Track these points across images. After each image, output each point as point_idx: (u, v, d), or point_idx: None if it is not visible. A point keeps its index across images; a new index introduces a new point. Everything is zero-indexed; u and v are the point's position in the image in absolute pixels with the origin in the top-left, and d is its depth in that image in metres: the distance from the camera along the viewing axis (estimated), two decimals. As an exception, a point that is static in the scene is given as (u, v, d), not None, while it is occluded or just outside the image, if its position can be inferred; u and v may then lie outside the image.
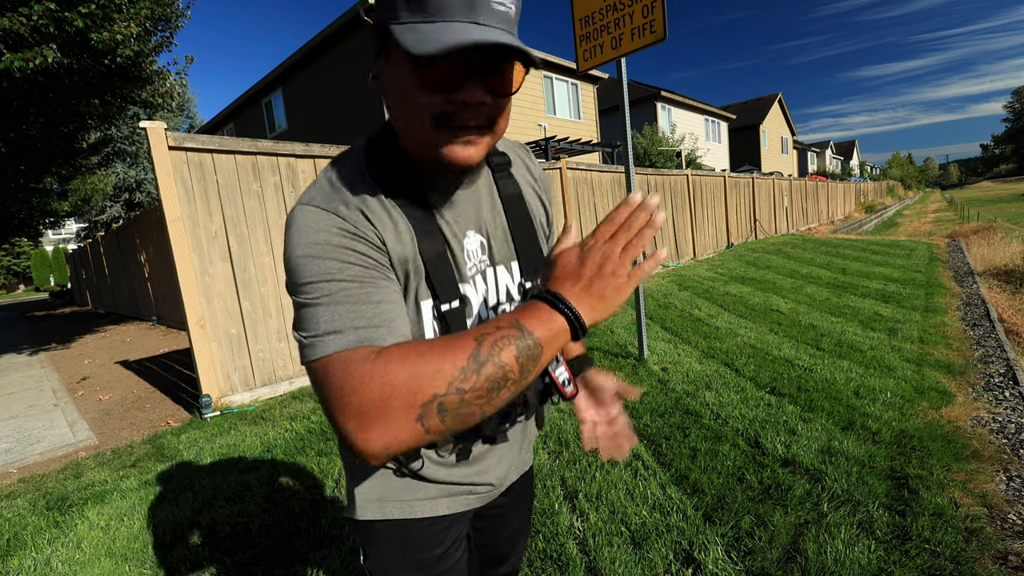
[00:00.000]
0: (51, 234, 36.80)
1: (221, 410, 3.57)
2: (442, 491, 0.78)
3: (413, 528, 0.77)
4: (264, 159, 3.86)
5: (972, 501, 1.99)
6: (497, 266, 0.77)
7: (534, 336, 0.51)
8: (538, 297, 0.53)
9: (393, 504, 0.77)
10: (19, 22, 4.07)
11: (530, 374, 0.52)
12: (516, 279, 0.79)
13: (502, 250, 0.77)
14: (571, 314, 0.52)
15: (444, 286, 0.69)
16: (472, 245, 0.74)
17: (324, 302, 0.56)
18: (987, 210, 25.98)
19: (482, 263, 0.75)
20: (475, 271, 0.74)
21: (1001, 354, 3.75)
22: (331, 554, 1.88)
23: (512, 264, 0.78)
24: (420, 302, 0.68)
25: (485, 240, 0.75)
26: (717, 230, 10.83)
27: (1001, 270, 8.19)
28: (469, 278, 0.73)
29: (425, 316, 0.69)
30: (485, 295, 0.75)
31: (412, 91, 0.58)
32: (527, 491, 1.00)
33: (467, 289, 0.73)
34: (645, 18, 3.35)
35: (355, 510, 0.77)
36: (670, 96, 21.07)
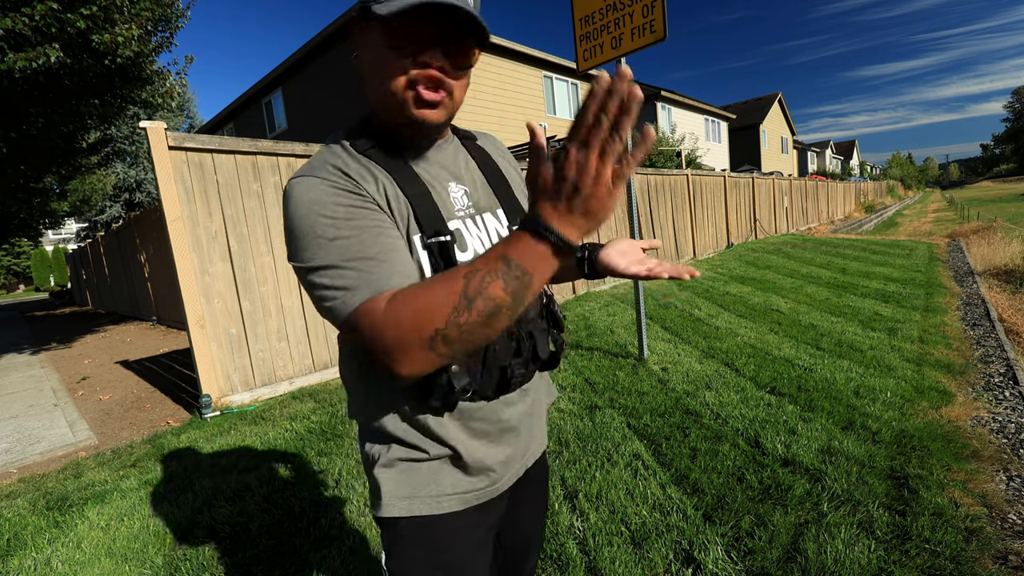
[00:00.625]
0: (51, 234, 36.79)
1: (221, 410, 3.57)
2: (468, 485, 0.79)
3: (439, 527, 0.77)
4: (264, 159, 3.86)
5: (972, 501, 1.99)
6: (483, 213, 0.82)
7: (521, 266, 0.53)
8: (521, 226, 0.54)
9: (420, 500, 0.77)
10: (21, 22, 4.07)
11: (523, 300, 0.55)
12: (504, 223, 0.83)
13: (484, 198, 0.83)
14: (555, 238, 0.51)
15: (430, 219, 0.74)
16: (455, 192, 0.80)
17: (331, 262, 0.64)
18: (987, 210, 25.98)
19: (469, 209, 0.80)
20: (463, 214, 0.79)
21: (1001, 354, 3.75)
22: (331, 554, 1.88)
23: (497, 211, 0.83)
24: (412, 236, 0.73)
25: (467, 189, 0.82)
26: (717, 230, 10.83)
27: (1001, 270, 8.19)
28: (459, 218, 0.78)
29: (418, 249, 0.73)
30: (482, 241, 0.79)
31: (384, 55, 0.69)
32: (542, 488, 1.01)
33: (457, 225, 0.77)
34: (645, 18, 3.36)
35: (381, 507, 0.77)
36: (670, 96, 21.06)
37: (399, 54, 0.68)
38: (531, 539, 1.00)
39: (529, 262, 0.53)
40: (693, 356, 4.00)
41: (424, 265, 0.73)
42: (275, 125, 15.27)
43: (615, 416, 2.95)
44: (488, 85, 12.41)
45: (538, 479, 0.97)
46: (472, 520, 0.80)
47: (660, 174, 8.71)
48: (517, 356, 0.77)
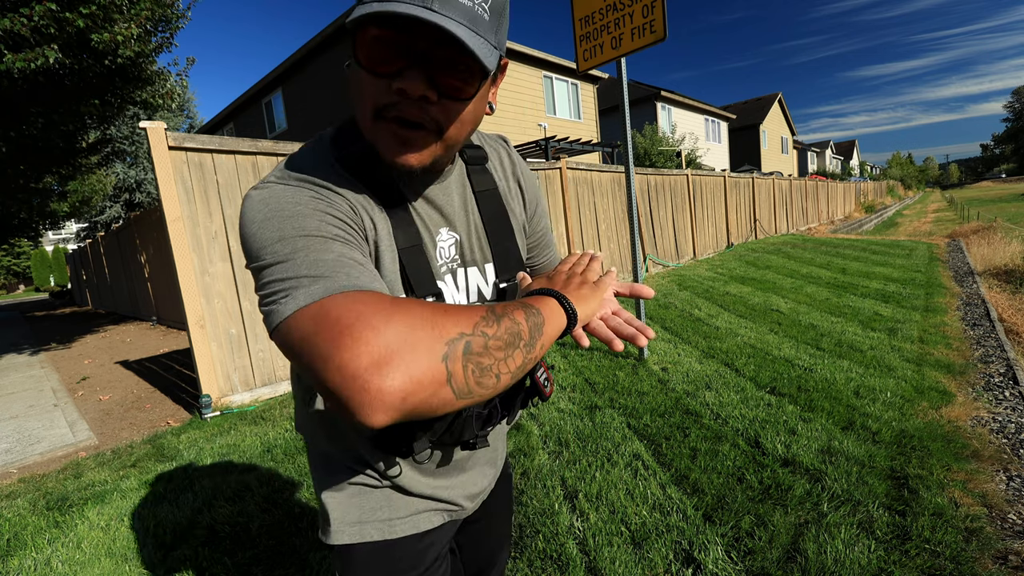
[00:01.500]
0: (51, 234, 36.82)
1: (221, 410, 3.57)
2: (422, 506, 0.76)
3: (394, 549, 0.74)
4: (264, 159, 3.86)
5: (972, 501, 1.99)
6: (468, 267, 0.74)
7: (540, 312, 0.55)
8: (537, 292, 0.62)
9: (372, 525, 0.73)
10: (20, 23, 4.07)
11: (536, 344, 0.52)
12: (490, 280, 0.76)
13: (475, 251, 0.74)
14: (566, 302, 0.60)
15: (420, 278, 0.65)
16: (445, 243, 0.71)
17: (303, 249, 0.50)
18: (987, 210, 25.98)
19: (453, 262, 0.72)
20: (446, 269, 0.72)
21: (1001, 354, 3.75)
22: (331, 554, 1.88)
23: (486, 266, 0.76)
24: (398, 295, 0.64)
25: (457, 239, 0.73)
26: (717, 230, 10.83)
27: (1001, 270, 8.19)
28: (442, 276, 0.71)
29: None
30: (464, 293, 0.74)
31: (358, 75, 0.55)
32: (506, 498, 0.98)
33: (442, 286, 0.70)
34: (645, 18, 3.36)
35: (330, 534, 0.72)
36: (670, 96, 21.07)
37: (371, 77, 0.54)
38: (497, 542, 0.99)
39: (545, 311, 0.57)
40: (693, 356, 4.00)
41: None
42: (275, 125, 15.27)
43: (615, 416, 2.95)
44: (488, 85, 12.40)
45: (500, 489, 0.93)
46: (429, 539, 0.77)
47: (660, 174, 8.71)
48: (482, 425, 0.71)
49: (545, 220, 0.89)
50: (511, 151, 0.83)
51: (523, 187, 0.82)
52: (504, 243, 0.76)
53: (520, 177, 0.82)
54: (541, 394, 0.73)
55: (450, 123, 0.57)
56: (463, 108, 0.57)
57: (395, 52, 0.52)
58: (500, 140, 0.83)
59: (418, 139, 0.57)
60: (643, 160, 16.44)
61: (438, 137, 0.58)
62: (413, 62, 0.52)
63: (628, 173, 3.80)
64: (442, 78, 0.54)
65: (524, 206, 0.82)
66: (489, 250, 0.75)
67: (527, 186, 0.83)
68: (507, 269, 0.76)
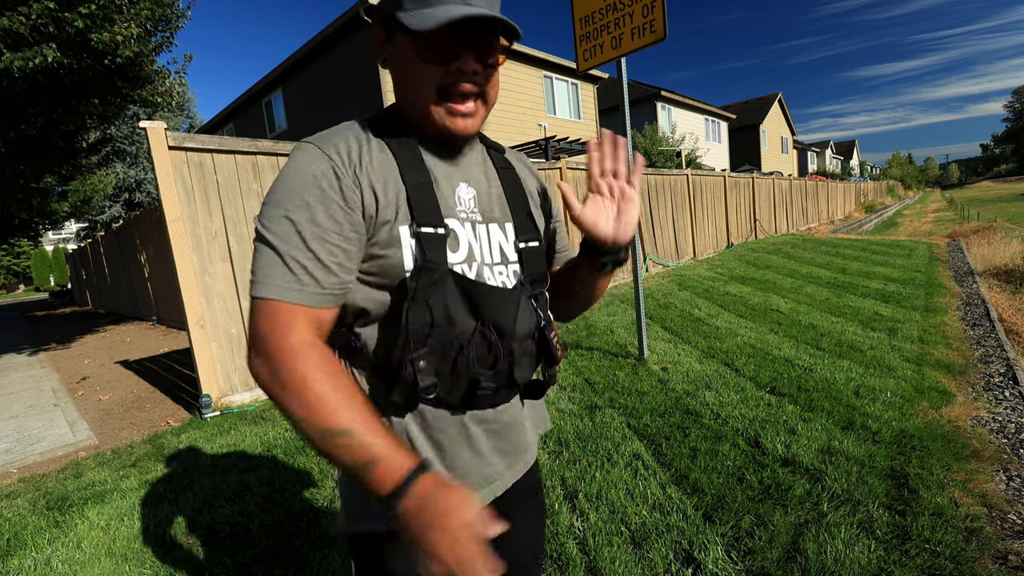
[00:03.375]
0: (51, 234, 36.80)
1: (221, 410, 3.57)
2: None
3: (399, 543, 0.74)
4: (264, 159, 3.86)
5: (972, 501, 1.99)
6: (490, 223, 0.79)
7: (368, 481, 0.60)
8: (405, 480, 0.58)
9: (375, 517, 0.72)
10: (18, 21, 4.07)
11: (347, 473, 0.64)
12: (511, 239, 0.81)
13: (495, 209, 0.81)
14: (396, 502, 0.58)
15: (425, 210, 0.71)
16: (464, 193, 0.78)
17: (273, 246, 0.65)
18: (987, 210, 25.99)
19: (474, 214, 0.78)
20: (465, 216, 0.77)
21: (1001, 354, 3.75)
22: (331, 554, 1.88)
23: (507, 225, 0.81)
24: (399, 227, 0.70)
25: (478, 196, 0.79)
26: (717, 230, 10.82)
27: (1001, 270, 8.20)
28: (460, 219, 0.76)
29: (404, 242, 0.70)
30: (480, 249, 0.77)
31: (416, 66, 0.69)
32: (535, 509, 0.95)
33: (455, 224, 0.74)
34: (645, 18, 3.36)
35: (344, 523, 0.77)
36: (670, 96, 21.06)
37: (431, 65, 0.68)
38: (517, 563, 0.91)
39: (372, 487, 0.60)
40: (693, 356, 4.00)
41: (407, 259, 0.70)
42: (275, 125, 15.26)
43: (615, 416, 2.95)
44: (488, 85, 12.40)
45: (527, 499, 0.92)
46: None
47: (660, 174, 8.71)
48: (490, 369, 0.72)
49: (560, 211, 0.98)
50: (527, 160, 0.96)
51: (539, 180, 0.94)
52: (522, 211, 0.84)
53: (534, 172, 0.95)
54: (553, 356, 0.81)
55: (491, 88, 0.73)
56: (495, 75, 0.73)
57: (450, 41, 0.67)
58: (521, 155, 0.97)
59: (475, 108, 0.72)
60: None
61: (484, 102, 0.73)
62: (463, 45, 0.67)
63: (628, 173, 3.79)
64: (483, 54, 0.69)
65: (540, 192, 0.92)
66: (509, 212, 0.82)
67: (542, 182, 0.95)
68: (525, 231, 0.82)
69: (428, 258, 0.70)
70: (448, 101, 0.70)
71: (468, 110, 0.71)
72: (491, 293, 0.73)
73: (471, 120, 0.72)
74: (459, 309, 0.71)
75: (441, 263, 0.71)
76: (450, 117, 0.71)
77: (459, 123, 0.71)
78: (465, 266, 0.74)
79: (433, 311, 0.69)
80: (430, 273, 0.69)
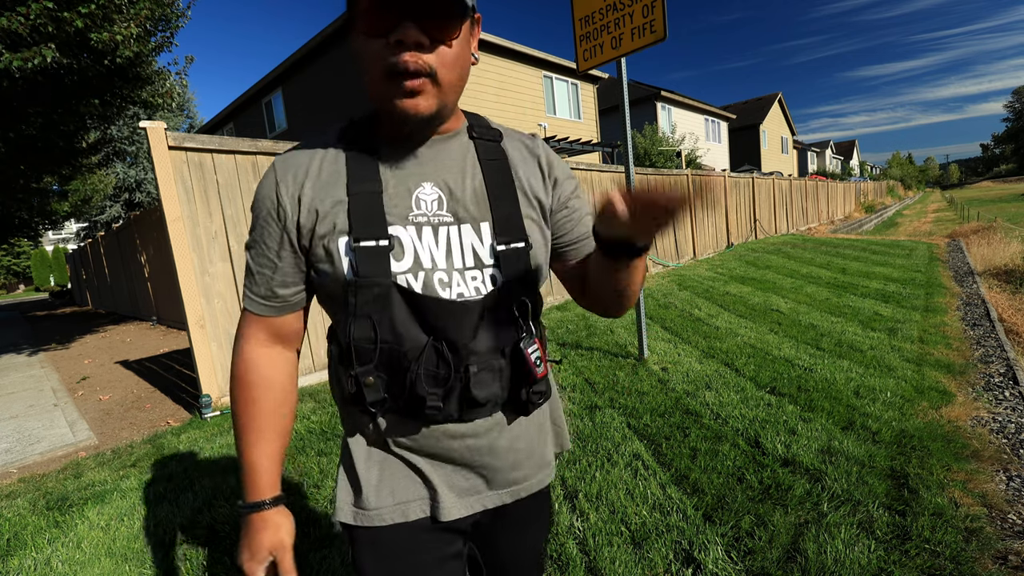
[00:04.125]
0: (51, 234, 36.80)
1: (221, 410, 3.57)
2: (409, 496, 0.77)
3: (388, 535, 0.76)
4: (264, 159, 3.86)
5: (972, 501, 1.99)
6: (462, 224, 0.74)
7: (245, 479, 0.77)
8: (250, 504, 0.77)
9: (364, 510, 0.77)
10: (17, 22, 4.06)
11: None
12: (487, 241, 0.74)
13: (470, 208, 0.75)
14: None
15: (365, 222, 0.70)
16: (426, 195, 0.74)
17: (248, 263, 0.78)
18: (987, 210, 25.99)
19: (436, 217, 0.73)
20: (424, 220, 0.72)
21: (1001, 354, 3.75)
22: (331, 554, 1.88)
23: (482, 225, 0.75)
24: (336, 240, 0.70)
25: (445, 195, 0.74)
26: (717, 230, 10.83)
27: (1001, 270, 8.20)
28: (412, 223, 0.72)
29: (340, 254, 0.70)
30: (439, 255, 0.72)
31: (361, 44, 0.66)
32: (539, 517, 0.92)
33: (405, 231, 0.71)
34: (645, 18, 3.36)
35: (335, 512, 0.80)
36: (670, 96, 21.06)
37: (371, 38, 0.65)
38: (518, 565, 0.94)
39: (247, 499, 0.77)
40: (693, 356, 4.00)
41: (346, 272, 0.69)
42: (275, 125, 15.26)
43: (615, 416, 2.95)
44: (488, 85, 12.41)
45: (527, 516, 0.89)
46: (431, 535, 0.78)
47: (660, 174, 8.71)
48: (439, 387, 0.70)
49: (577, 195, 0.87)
50: (537, 141, 0.86)
51: (544, 166, 0.83)
52: (506, 207, 0.76)
53: (542, 159, 0.84)
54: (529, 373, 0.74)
55: (444, 66, 0.66)
56: (451, 52, 0.66)
57: (388, 11, 0.62)
58: (528, 135, 0.87)
59: (422, 86, 0.65)
60: (643, 160, 16.44)
61: (433, 82, 0.66)
62: (405, 15, 0.62)
63: (628, 173, 3.80)
64: (430, 27, 0.64)
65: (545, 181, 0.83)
66: (488, 210, 0.75)
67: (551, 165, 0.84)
68: (506, 231, 0.75)
69: (362, 272, 0.68)
70: (395, 82, 0.65)
71: (415, 85, 0.64)
72: (439, 306, 0.69)
73: (420, 100, 0.66)
74: (409, 324, 0.69)
75: (380, 276, 0.68)
76: (398, 97, 0.65)
77: (407, 103, 0.65)
78: (410, 276, 0.70)
79: (378, 328, 0.68)
80: (367, 289, 0.68)
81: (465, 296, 0.71)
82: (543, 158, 0.84)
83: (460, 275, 0.72)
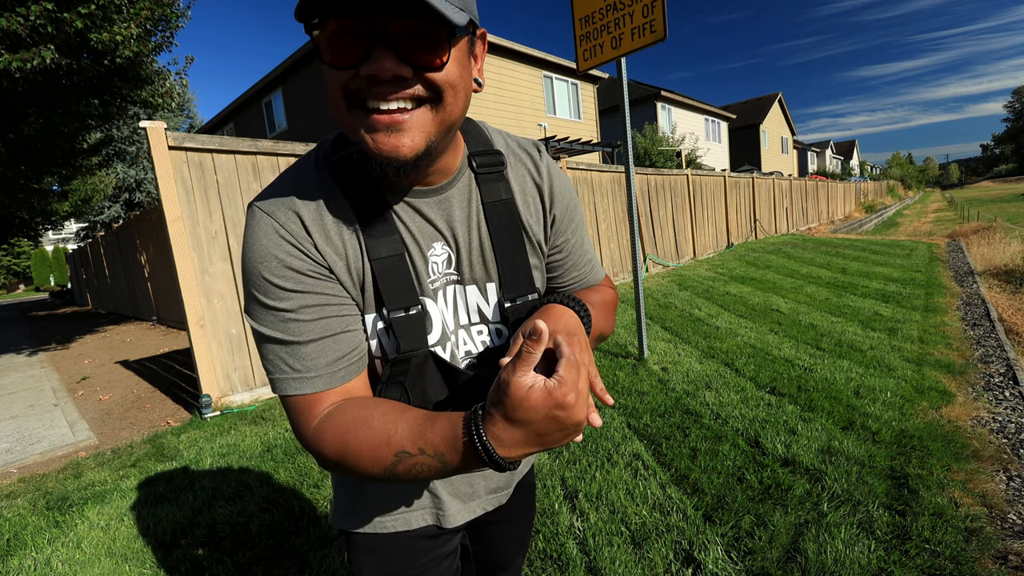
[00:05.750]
0: (51, 234, 36.81)
1: (221, 410, 3.56)
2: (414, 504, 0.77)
3: (389, 541, 0.77)
4: (264, 159, 3.86)
5: (972, 501, 1.99)
6: (467, 285, 0.69)
7: (459, 469, 0.52)
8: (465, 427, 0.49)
9: (364, 518, 0.77)
10: (16, 22, 4.06)
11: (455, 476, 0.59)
12: (493, 300, 0.70)
13: (476, 268, 0.69)
14: (487, 456, 0.48)
15: (397, 291, 0.62)
16: (437, 256, 0.66)
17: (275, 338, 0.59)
18: (987, 210, 25.99)
19: (449, 276, 0.68)
20: (440, 285, 0.67)
21: (1001, 354, 3.75)
22: (331, 554, 1.88)
23: (488, 285, 0.70)
24: (365, 315, 0.63)
25: (454, 255, 0.68)
26: (717, 230, 10.83)
27: (1001, 270, 8.19)
28: (431, 291, 0.67)
29: (368, 330, 0.63)
30: (454, 312, 0.69)
31: (328, 76, 0.53)
32: (526, 505, 0.97)
33: (428, 303, 0.66)
34: (645, 18, 3.36)
35: (333, 519, 0.80)
36: (670, 96, 21.07)
37: (336, 69, 0.51)
38: (512, 548, 0.97)
39: (467, 468, 0.51)
40: (693, 356, 4.00)
41: (373, 347, 0.64)
42: (275, 125, 15.27)
43: (615, 416, 2.95)
44: (488, 85, 12.41)
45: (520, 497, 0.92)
46: (430, 534, 0.78)
47: (660, 174, 8.71)
48: None
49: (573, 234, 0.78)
50: (542, 158, 0.75)
51: (545, 197, 0.74)
52: (512, 260, 0.70)
53: (543, 186, 0.74)
54: None
55: (445, 92, 0.53)
56: (444, 76, 0.52)
57: (354, 39, 0.49)
58: (531, 146, 0.76)
59: (399, 123, 0.51)
60: (643, 160, 16.44)
61: (433, 107, 0.53)
62: (375, 42, 0.48)
63: (628, 173, 3.80)
64: (410, 49, 0.49)
65: (545, 218, 0.74)
66: (494, 267, 0.70)
67: (552, 196, 0.74)
68: (514, 288, 0.70)
69: (404, 348, 0.63)
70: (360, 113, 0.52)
71: (392, 122, 0.51)
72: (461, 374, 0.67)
73: (403, 136, 0.52)
74: (439, 389, 0.67)
75: (419, 347, 0.64)
76: (368, 132, 0.51)
77: (381, 140, 0.51)
78: (439, 348, 0.67)
79: (410, 392, 0.66)
80: (403, 362, 0.64)
81: (473, 353, 0.71)
82: (546, 189, 0.74)
83: (466, 332, 0.71)
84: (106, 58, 4.94)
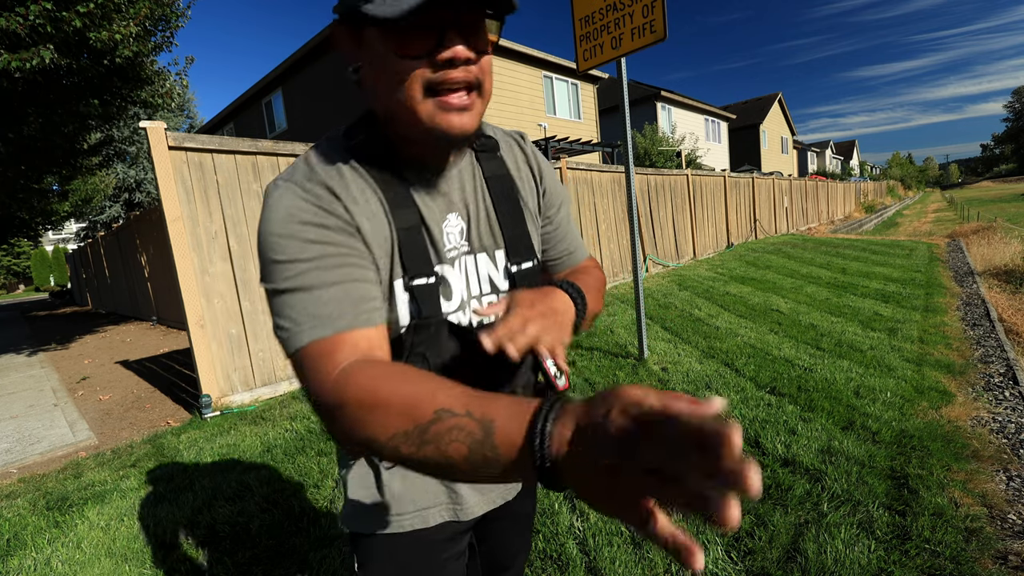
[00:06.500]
0: (51, 234, 36.82)
1: (221, 410, 3.56)
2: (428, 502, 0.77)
3: (401, 542, 0.77)
4: (264, 159, 3.86)
5: (972, 501, 1.99)
6: (478, 254, 0.73)
7: (498, 452, 0.41)
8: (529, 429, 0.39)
9: (379, 517, 0.76)
10: (16, 22, 4.06)
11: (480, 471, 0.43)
12: (501, 266, 0.75)
13: (485, 236, 0.74)
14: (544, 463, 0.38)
15: (416, 259, 0.66)
16: (452, 228, 0.71)
17: (294, 288, 0.57)
18: (987, 210, 25.99)
19: (462, 247, 0.72)
20: (455, 254, 0.71)
21: (1001, 354, 3.75)
22: (331, 554, 1.88)
23: (496, 252, 0.75)
24: (393, 281, 0.65)
25: (465, 225, 0.72)
26: (717, 230, 10.82)
27: (1001, 270, 8.19)
28: (448, 260, 0.70)
29: (399, 297, 0.66)
30: (466, 283, 0.73)
31: (395, 64, 0.58)
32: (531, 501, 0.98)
33: (446, 270, 0.70)
34: (645, 18, 3.36)
35: (345, 521, 0.79)
36: (670, 96, 21.07)
37: (412, 60, 0.57)
38: (517, 545, 0.98)
39: (507, 455, 0.41)
40: (693, 356, 4.00)
41: (403, 316, 0.66)
42: (275, 125, 15.27)
43: (615, 416, 2.95)
44: (488, 85, 12.39)
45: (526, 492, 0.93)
46: (440, 534, 0.79)
47: (660, 174, 8.71)
48: None
49: (561, 209, 0.85)
50: (526, 143, 0.83)
51: (536, 174, 0.81)
52: (516, 228, 0.76)
53: (533, 164, 0.81)
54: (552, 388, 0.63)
55: (485, 77, 0.62)
56: (488, 61, 0.62)
57: (429, 29, 0.56)
58: (516, 134, 0.83)
59: (471, 100, 0.61)
60: (643, 160, 16.44)
61: (479, 96, 0.62)
62: (450, 29, 0.57)
63: (628, 173, 3.80)
64: (471, 37, 0.58)
65: (537, 191, 0.81)
66: (500, 235, 0.75)
67: (542, 173, 0.82)
68: (518, 253, 0.75)
69: (424, 314, 0.66)
70: (439, 98, 0.59)
71: (464, 103, 0.60)
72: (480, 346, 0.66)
73: (468, 116, 0.60)
74: (459, 359, 0.69)
75: (436, 315, 0.67)
76: (443, 114, 0.59)
77: (455, 120, 0.59)
78: (460, 314, 0.71)
79: (430, 362, 0.67)
80: (426, 329, 0.66)
81: (486, 322, 0.72)
82: (534, 165, 0.81)
83: (478, 302, 0.74)
84: (106, 58, 4.94)
